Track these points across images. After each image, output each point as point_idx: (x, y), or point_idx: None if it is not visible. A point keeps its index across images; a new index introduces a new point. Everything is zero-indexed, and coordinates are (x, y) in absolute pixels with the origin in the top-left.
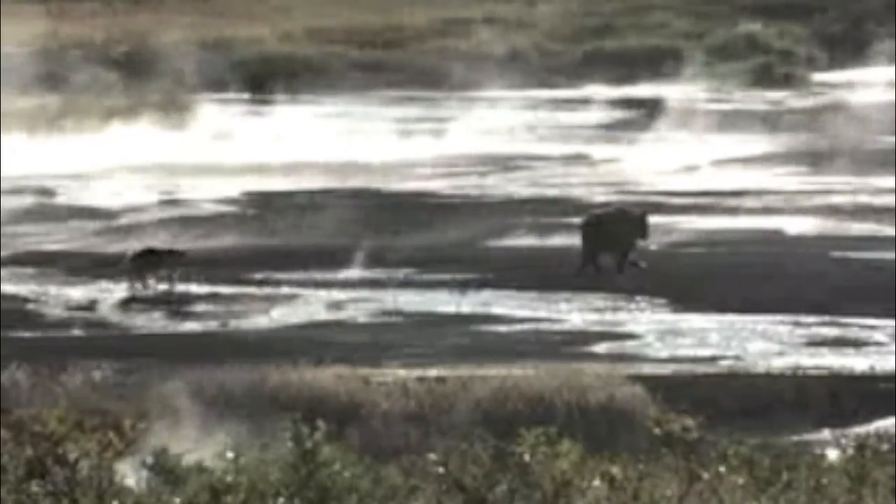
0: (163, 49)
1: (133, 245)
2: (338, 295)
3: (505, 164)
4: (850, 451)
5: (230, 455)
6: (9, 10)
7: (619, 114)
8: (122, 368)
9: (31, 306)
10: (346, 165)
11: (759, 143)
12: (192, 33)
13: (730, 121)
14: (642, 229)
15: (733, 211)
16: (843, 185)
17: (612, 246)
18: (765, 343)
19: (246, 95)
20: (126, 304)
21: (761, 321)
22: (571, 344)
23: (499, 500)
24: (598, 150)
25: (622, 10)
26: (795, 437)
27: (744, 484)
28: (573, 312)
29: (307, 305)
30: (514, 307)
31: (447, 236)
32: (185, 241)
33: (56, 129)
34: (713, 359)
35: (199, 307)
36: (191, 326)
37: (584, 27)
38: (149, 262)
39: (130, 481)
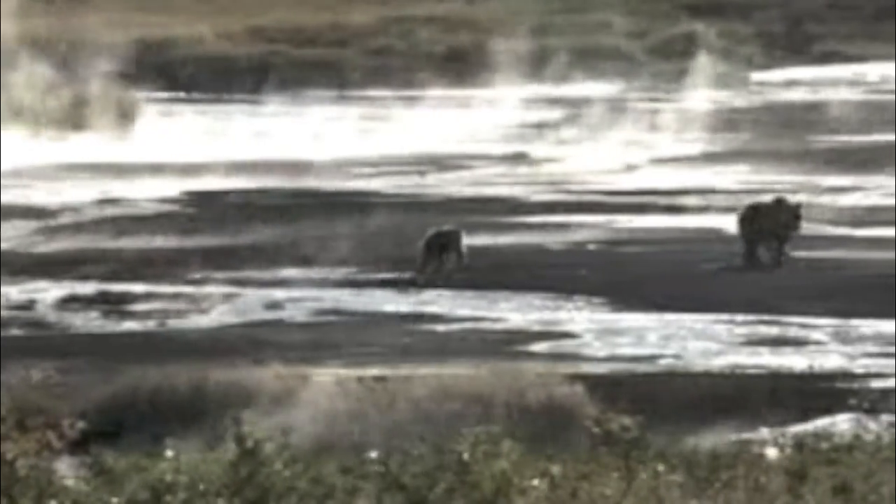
0: (103, 47)
1: (71, 244)
2: (277, 294)
3: (444, 163)
4: (789, 450)
5: (170, 454)
6: None
7: (559, 113)
8: (60, 368)
9: None
10: (285, 164)
11: (698, 143)
12: (133, 32)
13: (670, 120)
14: (797, 220)
15: (673, 210)
16: (783, 184)
17: (768, 237)
18: (704, 342)
19: (185, 95)
20: (64, 303)
21: (700, 320)
22: (510, 343)
23: (438, 499)
24: (537, 149)
25: (563, 8)
26: (734, 436)
27: (683, 483)
28: (512, 311)
29: (246, 305)
30: (453, 306)
31: (386, 236)
32: (123, 240)
33: None
34: (652, 358)
35: (138, 306)
36: (129, 326)
37: (524, 26)
38: (440, 243)
39: (69, 481)
